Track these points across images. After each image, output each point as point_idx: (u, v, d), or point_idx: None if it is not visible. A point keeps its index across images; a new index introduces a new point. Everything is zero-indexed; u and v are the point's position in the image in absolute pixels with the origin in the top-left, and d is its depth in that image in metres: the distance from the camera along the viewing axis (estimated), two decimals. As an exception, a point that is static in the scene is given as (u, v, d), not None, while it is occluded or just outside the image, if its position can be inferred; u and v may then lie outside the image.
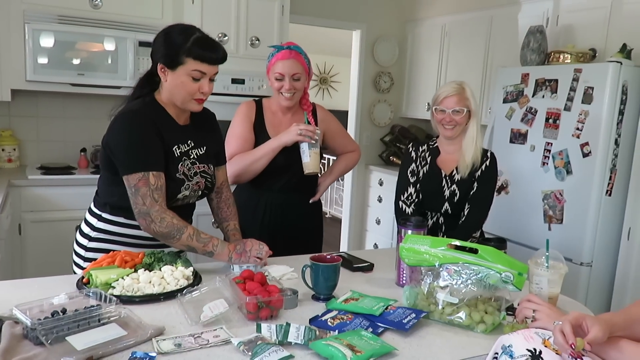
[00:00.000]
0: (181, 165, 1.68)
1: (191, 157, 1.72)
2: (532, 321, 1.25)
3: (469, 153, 2.05)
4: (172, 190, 1.65)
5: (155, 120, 1.63)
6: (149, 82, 1.70)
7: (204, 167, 1.75)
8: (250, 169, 2.12)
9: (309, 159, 2.09)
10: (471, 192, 2.08)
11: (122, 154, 1.59)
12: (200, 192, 1.76)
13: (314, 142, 2.08)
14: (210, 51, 1.61)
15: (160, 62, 1.62)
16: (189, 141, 1.73)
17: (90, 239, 1.71)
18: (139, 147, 1.59)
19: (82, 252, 1.72)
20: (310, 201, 2.27)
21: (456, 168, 2.09)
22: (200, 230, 1.63)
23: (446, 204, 2.09)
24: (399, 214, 2.12)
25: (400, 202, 2.13)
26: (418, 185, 2.13)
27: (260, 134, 2.18)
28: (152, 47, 1.66)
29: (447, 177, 2.09)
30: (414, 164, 2.16)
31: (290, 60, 2.09)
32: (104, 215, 1.71)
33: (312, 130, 2.07)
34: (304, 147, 2.09)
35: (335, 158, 2.48)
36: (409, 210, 2.10)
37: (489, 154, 2.12)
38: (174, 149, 1.67)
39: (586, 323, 1.07)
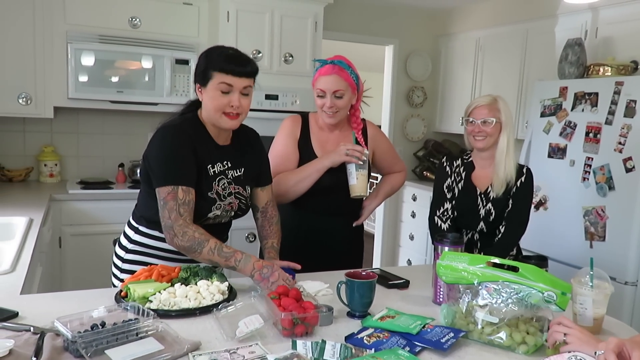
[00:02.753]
0: (215, 184, 1.69)
1: (228, 177, 1.73)
2: (563, 345, 1.19)
3: (501, 168, 2.00)
4: (203, 209, 1.66)
5: (193, 136, 1.66)
6: (197, 102, 1.74)
7: (239, 188, 1.76)
8: (294, 190, 2.00)
9: (356, 182, 1.96)
10: (507, 210, 2.02)
11: (157, 166, 1.62)
12: (232, 213, 1.76)
13: (361, 163, 1.95)
14: (236, 63, 1.62)
15: (196, 82, 1.67)
16: (226, 161, 1.74)
17: (127, 250, 1.74)
18: (172, 161, 1.61)
19: (119, 263, 1.75)
20: (354, 224, 2.16)
21: (491, 185, 2.04)
22: (224, 244, 1.60)
23: (481, 223, 2.04)
24: (434, 230, 2.09)
25: (436, 218, 2.10)
26: (454, 201, 2.09)
27: (305, 150, 2.06)
28: (194, 71, 1.71)
29: (482, 195, 2.05)
30: (449, 179, 2.11)
31: (332, 77, 1.96)
32: (141, 228, 1.74)
33: (360, 151, 1.94)
34: (351, 168, 1.96)
35: (380, 177, 2.36)
36: (444, 226, 2.06)
37: (524, 170, 2.06)
38: (208, 167, 1.68)
39: (627, 349, 1.02)
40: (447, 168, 2.14)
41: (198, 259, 1.60)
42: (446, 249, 1.61)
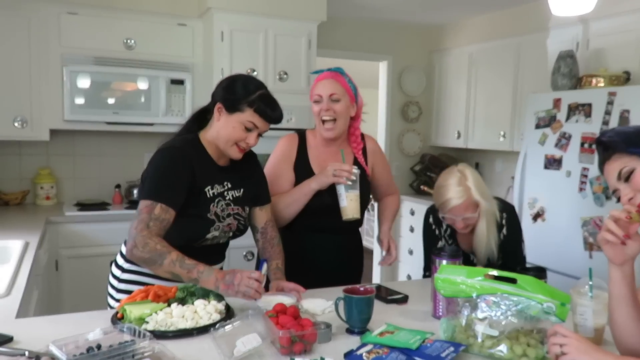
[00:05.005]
0: (213, 205, 1.68)
1: (227, 198, 1.73)
2: (562, 355, 1.17)
3: (483, 248, 1.89)
4: (201, 230, 1.66)
5: (193, 158, 1.66)
6: (199, 119, 1.75)
7: (238, 209, 1.75)
8: (283, 214, 1.94)
9: (347, 204, 1.86)
10: (499, 262, 1.93)
11: (146, 181, 1.63)
12: (231, 234, 1.76)
13: (350, 183, 1.85)
14: (271, 110, 1.66)
15: (220, 101, 1.66)
16: (226, 182, 1.74)
17: (123, 270, 1.73)
18: (162, 179, 1.61)
19: (115, 283, 1.74)
20: (379, 264, 2.10)
21: (472, 252, 1.95)
22: (186, 257, 1.52)
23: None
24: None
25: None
26: None
27: (302, 170, 1.98)
28: (216, 87, 1.71)
29: (474, 257, 1.97)
30: (441, 242, 2.02)
31: (328, 80, 1.91)
32: None
33: (349, 170, 1.83)
34: (340, 190, 1.86)
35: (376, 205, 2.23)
36: None
37: (504, 221, 1.92)
38: (207, 189, 1.68)
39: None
40: (437, 231, 2.03)
41: (159, 273, 1.55)
42: (444, 262, 1.60)
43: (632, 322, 1.21)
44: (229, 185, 1.74)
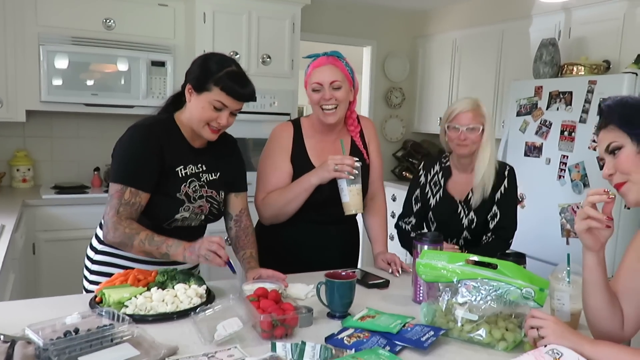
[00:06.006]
0: (185, 186, 1.66)
1: (201, 179, 1.71)
2: (539, 339, 1.19)
3: (483, 176, 1.91)
4: (170, 209, 1.65)
5: (163, 138, 1.64)
6: (175, 101, 1.73)
7: (212, 192, 1.73)
8: (284, 211, 1.87)
9: (349, 199, 1.77)
10: (495, 220, 1.96)
11: (115, 163, 1.63)
12: (203, 217, 1.73)
13: (352, 177, 1.75)
14: (239, 86, 1.60)
15: (189, 82, 1.64)
16: (200, 164, 1.71)
17: (97, 252, 1.73)
18: (130, 161, 1.61)
19: (89, 264, 1.74)
20: (391, 272, 1.89)
21: (471, 190, 1.97)
22: (156, 234, 1.56)
23: (465, 232, 1.99)
24: (401, 234, 2.10)
25: (401, 222, 2.11)
26: (430, 214, 2.04)
27: (300, 161, 1.90)
28: (189, 68, 1.67)
29: (463, 204, 1.98)
30: (418, 190, 2.05)
31: (327, 67, 1.81)
32: None
33: (351, 164, 1.74)
34: (342, 184, 1.77)
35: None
36: (408, 227, 2.09)
37: (506, 172, 1.98)
38: (178, 169, 1.66)
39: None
40: (422, 178, 2.06)
41: (133, 253, 1.60)
42: (425, 247, 1.61)
43: (606, 306, 1.23)
44: (204, 168, 1.72)
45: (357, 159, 1.78)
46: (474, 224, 1.98)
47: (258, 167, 1.96)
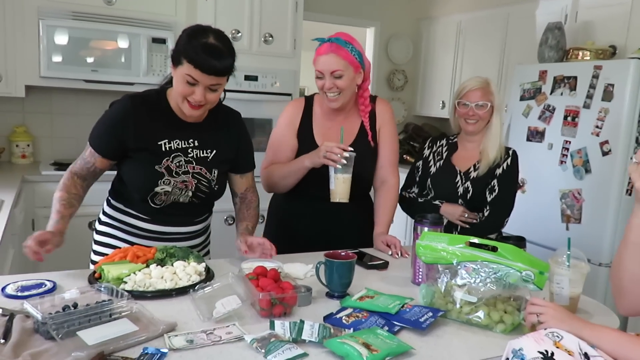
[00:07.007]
0: (167, 160, 1.64)
1: (189, 155, 1.67)
2: (538, 324, 1.20)
3: (492, 150, 2.02)
4: (148, 181, 1.64)
5: (146, 110, 1.64)
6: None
7: (201, 169, 1.69)
8: (281, 184, 1.96)
9: (334, 186, 1.79)
10: (493, 194, 2.04)
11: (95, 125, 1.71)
12: (190, 193, 1.69)
13: (339, 167, 1.76)
14: (207, 60, 1.49)
15: (170, 56, 1.61)
16: (191, 140, 1.68)
17: (100, 222, 1.78)
18: (99, 125, 1.68)
19: (96, 236, 1.79)
20: (391, 254, 1.88)
21: (474, 165, 2.06)
22: (68, 202, 1.64)
23: (460, 201, 2.06)
24: (406, 200, 2.17)
25: (404, 192, 2.19)
26: (429, 181, 2.11)
27: (305, 139, 1.94)
28: None
29: (462, 174, 2.07)
30: (421, 161, 2.17)
31: (329, 56, 1.81)
32: (111, 200, 1.78)
33: (339, 154, 1.75)
34: (330, 171, 1.80)
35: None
36: (411, 195, 2.18)
37: (510, 152, 2.08)
38: (162, 142, 1.64)
39: None
40: (427, 150, 2.17)
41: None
42: (426, 229, 1.60)
43: None
44: (195, 144, 1.68)
45: (352, 149, 1.77)
46: (469, 193, 2.04)
47: (270, 136, 2.04)
